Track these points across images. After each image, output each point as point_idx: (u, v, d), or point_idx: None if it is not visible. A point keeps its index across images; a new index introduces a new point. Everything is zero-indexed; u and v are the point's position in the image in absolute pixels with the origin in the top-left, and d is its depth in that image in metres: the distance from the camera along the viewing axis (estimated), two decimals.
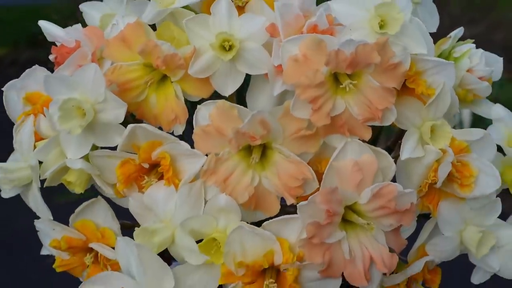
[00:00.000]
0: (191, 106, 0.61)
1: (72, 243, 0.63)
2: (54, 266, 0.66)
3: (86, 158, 0.60)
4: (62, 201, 3.03)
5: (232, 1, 0.60)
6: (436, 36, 0.65)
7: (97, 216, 0.64)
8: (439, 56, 0.63)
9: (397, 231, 0.59)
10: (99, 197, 0.63)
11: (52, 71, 0.63)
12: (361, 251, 0.58)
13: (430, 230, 0.62)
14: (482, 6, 5.84)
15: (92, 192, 0.64)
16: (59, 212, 0.68)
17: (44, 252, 0.67)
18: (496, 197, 0.62)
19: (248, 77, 0.60)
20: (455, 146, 0.60)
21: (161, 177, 0.60)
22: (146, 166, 0.60)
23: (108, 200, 0.64)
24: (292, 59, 0.56)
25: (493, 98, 0.67)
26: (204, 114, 0.59)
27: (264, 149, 0.59)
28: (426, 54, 0.59)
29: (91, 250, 0.64)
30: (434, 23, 0.64)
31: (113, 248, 0.62)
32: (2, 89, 0.66)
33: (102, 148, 0.61)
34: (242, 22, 0.59)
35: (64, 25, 0.66)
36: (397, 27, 0.57)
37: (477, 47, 0.66)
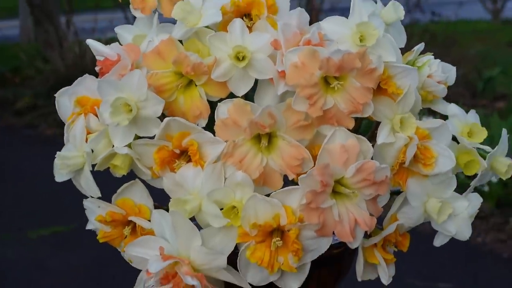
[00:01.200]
0: (211, 104, 0.78)
1: (115, 217, 0.79)
2: (98, 237, 0.82)
3: (129, 146, 0.77)
4: (34, 237, 3.17)
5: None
6: (403, 52, 0.84)
7: (134, 195, 0.80)
8: (406, 64, 0.81)
9: (375, 200, 0.76)
10: (137, 179, 0.80)
11: None
12: (348, 214, 0.75)
13: (401, 202, 0.79)
14: (443, 42, 6.13)
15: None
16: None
17: (89, 226, 0.83)
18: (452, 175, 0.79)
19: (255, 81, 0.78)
20: (419, 134, 0.77)
21: (189, 160, 0.76)
22: (177, 151, 0.77)
23: (143, 183, 0.81)
24: (292, 65, 0.74)
25: None
26: (223, 110, 0.76)
27: (270, 137, 0.76)
28: (396, 62, 0.77)
29: (129, 223, 0.80)
30: (402, 40, 0.82)
31: (148, 220, 0.79)
32: (55, 95, 0.83)
33: (142, 137, 0.77)
34: (252, 38, 0.77)
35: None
36: (373, 40, 0.75)
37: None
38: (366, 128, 0.83)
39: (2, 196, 4.70)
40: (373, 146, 0.77)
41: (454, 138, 0.81)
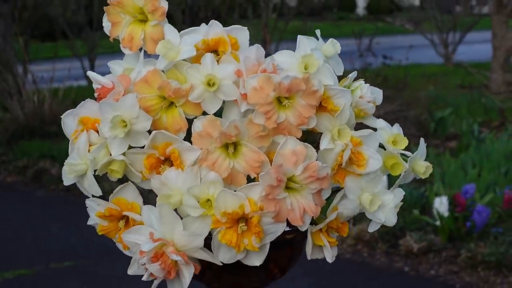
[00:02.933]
0: (188, 121, 1.00)
1: (112, 213, 1.01)
2: (97, 231, 1.03)
3: (123, 154, 0.99)
4: (10, 276, 3.38)
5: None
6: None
7: (127, 195, 1.01)
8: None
9: (319, 193, 0.98)
10: (129, 182, 1.01)
11: None
12: (298, 204, 0.97)
13: (340, 196, 1.02)
14: (395, 85, 6.46)
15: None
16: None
17: (89, 222, 1.04)
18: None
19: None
20: (353, 141, 1.00)
21: (171, 165, 0.98)
22: (162, 158, 0.98)
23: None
24: (252, 89, 0.97)
25: None
26: (198, 125, 0.98)
27: (236, 145, 0.99)
28: (333, 85, 1.00)
29: (123, 218, 1.01)
30: (340, 69, 1.05)
31: (139, 214, 1.00)
32: (61, 116, 1.05)
33: (134, 147, 0.99)
34: (220, 69, 0.99)
35: None
36: (315, 68, 0.98)
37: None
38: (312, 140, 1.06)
39: None
40: (317, 152, 0.99)
41: (382, 146, 1.04)
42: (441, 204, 4.33)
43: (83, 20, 10.40)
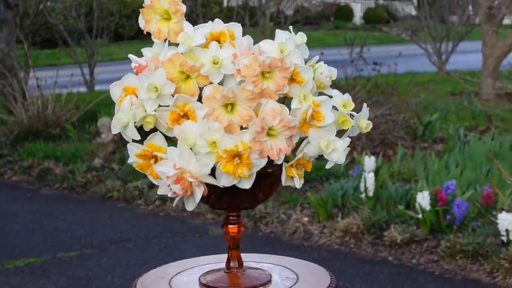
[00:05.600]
0: (200, 88, 1.48)
1: (146, 153, 1.48)
2: (135, 166, 1.50)
3: (155, 111, 1.47)
4: (21, 264, 3.93)
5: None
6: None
7: (156, 140, 1.49)
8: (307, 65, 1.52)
9: (290, 138, 1.46)
10: (158, 131, 1.49)
11: None
12: (275, 145, 1.45)
13: (306, 142, 1.50)
14: (385, 90, 6.95)
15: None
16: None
17: (129, 160, 1.51)
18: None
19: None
20: (314, 103, 1.48)
21: (188, 118, 1.46)
22: (182, 114, 1.46)
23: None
24: (244, 65, 1.45)
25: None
26: (206, 91, 1.46)
27: (233, 105, 1.47)
28: (300, 64, 1.48)
29: (153, 157, 1.49)
30: (305, 54, 1.54)
31: (165, 154, 1.48)
32: (110, 85, 1.52)
33: (162, 106, 1.47)
34: (222, 52, 1.48)
35: None
36: (288, 52, 1.47)
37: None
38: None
39: None
40: (289, 110, 1.48)
41: (336, 108, 1.52)
42: (423, 198, 4.79)
43: (83, 28, 10.91)
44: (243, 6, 9.70)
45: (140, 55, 1.58)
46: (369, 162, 5.42)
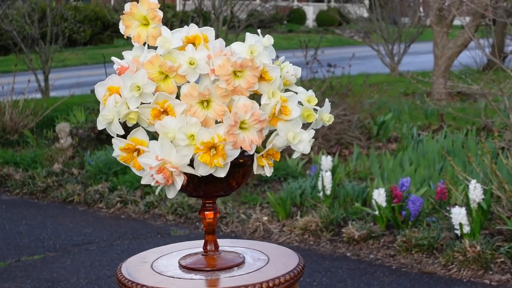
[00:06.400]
0: (178, 87, 1.65)
1: (129, 147, 1.64)
2: (119, 160, 1.66)
3: (137, 108, 1.63)
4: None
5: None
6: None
7: (139, 135, 1.65)
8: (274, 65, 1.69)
9: (261, 131, 1.63)
10: (140, 127, 1.65)
11: None
12: (247, 137, 1.62)
13: (275, 134, 1.67)
14: (339, 91, 7.17)
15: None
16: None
17: (114, 154, 1.67)
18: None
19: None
20: (282, 99, 1.66)
21: (167, 114, 1.62)
22: (162, 110, 1.63)
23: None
24: (218, 65, 1.62)
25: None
26: (184, 89, 1.63)
27: (208, 102, 1.64)
28: (269, 64, 1.66)
29: (136, 150, 1.65)
30: (273, 54, 1.71)
31: (147, 147, 1.64)
32: (94, 86, 1.68)
33: (143, 103, 1.63)
34: (197, 53, 1.64)
35: None
36: (257, 53, 1.64)
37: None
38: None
39: None
40: (259, 105, 1.65)
41: (301, 103, 1.70)
42: (379, 196, 4.98)
43: (36, 34, 10.97)
44: (196, 11, 9.85)
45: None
46: (326, 161, 5.59)
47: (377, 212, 5.02)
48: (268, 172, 1.68)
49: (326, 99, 1.74)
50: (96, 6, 18.15)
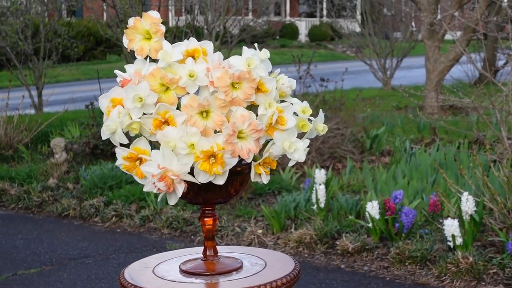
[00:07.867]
0: (179, 98, 1.73)
1: (132, 156, 1.72)
2: (122, 168, 1.74)
3: (140, 118, 1.71)
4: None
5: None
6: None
7: (141, 144, 1.73)
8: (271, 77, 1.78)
9: (258, 140, 1.71)
10: (142, 136, 1.73)
11: None
12: (245, 146, 1.70)
13: (271, 143, 1.75)
14: (333, 106, 7.26)
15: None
16: None
17: (117, 163, 1.75)
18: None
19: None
20: (278, 109, 1.74)
21: (169, 124, 1.70)
22: (163, 120, 1.71)
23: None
24: (216, 78, 1.70)
25: None
26: (184, 100, 1.71)
27: (207, 112, 1.72)
28: (265, 76, 1.74)
29: (138, 159, 1.73)
30: (269, 67, 1.80)
31: (149, 156, 1.72)
32: (98, 98, 1.76)
33: (145, 114, 1.71)
34: (197, 66, 1.73)
35: None
36: (254, 65, 1.72)
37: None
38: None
39: None
40: (256, 116, 1.73)
41: (296, 114, 1.78)
42: (372, 208, 5.04)
43: (30, 50, 11.05)
44: (189, 26, 9.95)
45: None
46: (320, 175, 5.66)
47: (370, 225, 5.08)
48: (265, 179, 1.76)
49: (320, 110, 1.82)
50: (89, 22, 18.23)
